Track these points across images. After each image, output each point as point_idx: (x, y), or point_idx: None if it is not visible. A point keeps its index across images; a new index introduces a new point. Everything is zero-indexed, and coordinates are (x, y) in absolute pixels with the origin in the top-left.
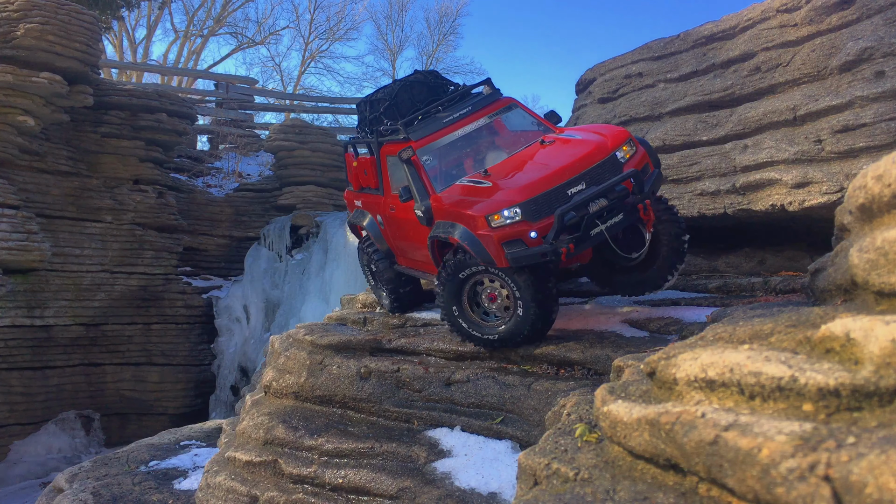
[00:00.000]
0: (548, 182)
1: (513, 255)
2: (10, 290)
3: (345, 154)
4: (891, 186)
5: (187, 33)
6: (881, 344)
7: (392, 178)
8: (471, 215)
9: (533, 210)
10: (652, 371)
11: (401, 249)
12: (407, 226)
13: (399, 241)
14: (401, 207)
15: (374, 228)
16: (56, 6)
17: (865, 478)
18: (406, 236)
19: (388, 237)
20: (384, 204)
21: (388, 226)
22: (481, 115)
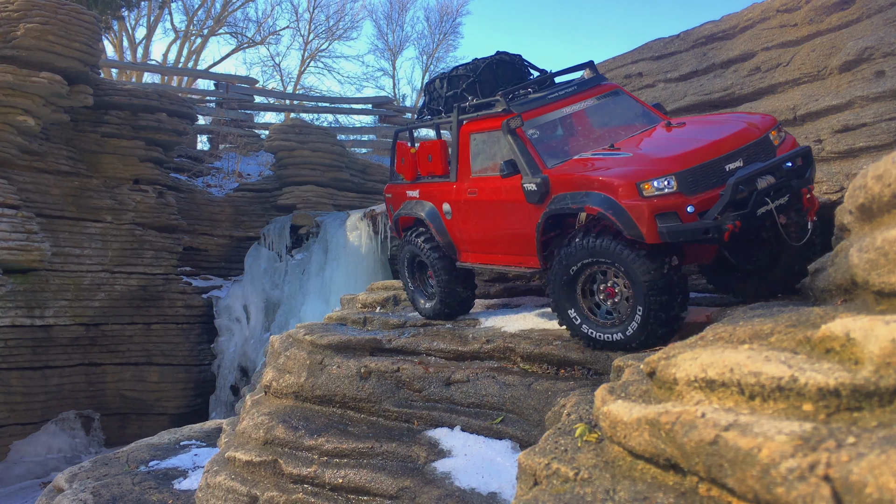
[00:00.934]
0: (704, 154)
1: (669, 230)
2: (10, 290)
3: (395, 144)
4: (891, 186)
5: (187, 33)
6: (881, 344)
7: (475, 158)
8: (613, 182)
9: (689, 182)
10: (652, 371)
11: (473, 241)
12: (494, 210)
13: (476, 231)
14: (486, 189)
15: (437, 220)
16: (56, 6)
17: (865, 478)
18: (490, 223)
19: (456, 228)
20: (457, 189)
21: (459, 214)
22: (588, 95)
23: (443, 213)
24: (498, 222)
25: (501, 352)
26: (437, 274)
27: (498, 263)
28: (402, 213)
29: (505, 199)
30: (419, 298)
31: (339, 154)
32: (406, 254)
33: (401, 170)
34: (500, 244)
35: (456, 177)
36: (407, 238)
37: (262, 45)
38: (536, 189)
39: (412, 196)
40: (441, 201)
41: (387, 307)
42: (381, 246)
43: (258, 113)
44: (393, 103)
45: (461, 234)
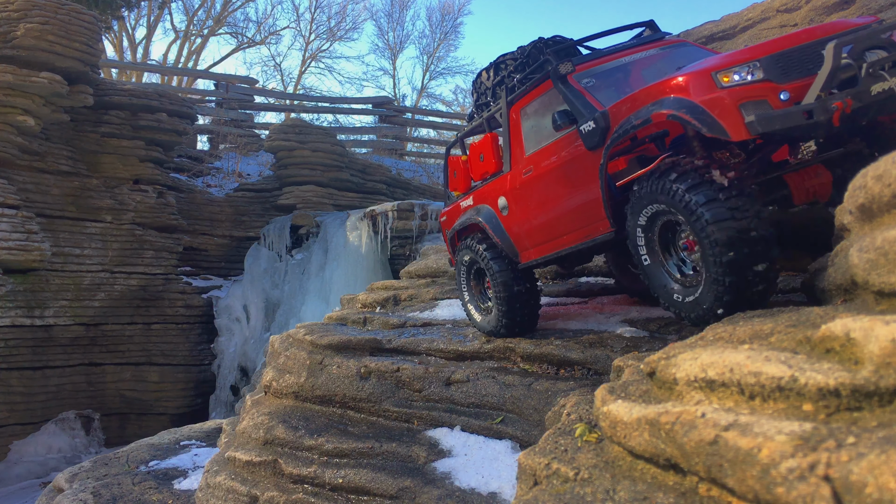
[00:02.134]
0: (795, 39)
1: (760, 117)
2: (10, 290)
3: (446, 161)
4: (891, 186)
5: (187, 33)
6: (881, 344)
7: (528, 135)
8: (682, 80)
9: (779, 68)
10: (652, 371)
11: (534, 231)
12: (552, 179)
13: (536, 215)
14: (542, 160)
15: (493, 220)
16: (56, 6)
17: (865, 478)
18: (550, 198)
19: (514, 222)
20: (512, 177)
21: (516, 204)
22: (650, 47)
23: (499, 212)
24: (558, 192)
25: (501, 352)
26: (496, 281)
27: (564, 246)
28: (458, 226)
29: (562, 161)
30: (475, 312)
31: (339, 154)
32: (462, 261)
33: (454, 185)
34: (564, 221)
35: (510, 165)
36: (464, 244)
37: (263, 45)
38: (595, 127)
39: (467, 206)
40: (496, 198)
41: (387, 307)
42: (381, 246)
43: (258, 113)
44: (393, 103)
45: (520, 226)
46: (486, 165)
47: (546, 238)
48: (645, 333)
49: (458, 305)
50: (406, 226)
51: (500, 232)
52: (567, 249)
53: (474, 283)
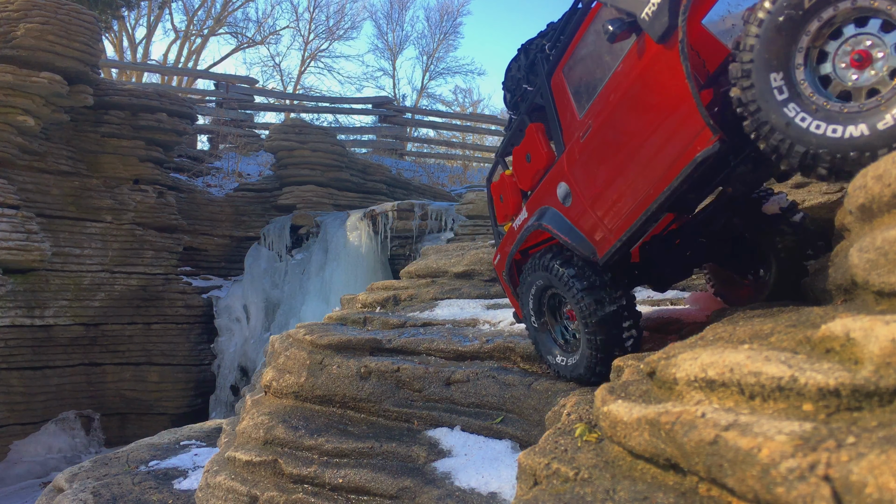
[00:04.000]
0: None
1: None
2: (10, 290)
3: (490, 192)
4: (891, 186)
5: (187, 33)
6: (881, 344)
7: (577, 95)
8: None
9: None
10: (652, 371)
11: (610, 201)
12: (622, 114)
13: (608, 179)
14: (602, 109)
15: (557, 218)
16: (56, 6)
17: (865, 478)
18: (621, 138)
19: (581, 207)
20: (568, 154)
21: (580, 177)
22: None
23: (561, 206)
24: (630, 129)
25: (501, 352)
26: (578, 298)
27: (651, 200)
28: (515, 250)
29: (628, 85)
30: (552, 349)
31: (339, 154)
32: (529, 293)
33: (505, 212)
34: (644, 165)
35: (563, 143)
36: (527, 269)
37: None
38: (659, 4)
39: (522, 223)
40: (554, 191)
41: (387, 307)
42: (381, 246)
43: (258, 113)
44: (393, 103)
45: (592, 206)
46: (536, 163)
47: (625, 204)
48: (645, 333)
49: (458, 305)
50: (406, 226)
51: (568, 229)
52: (655, 205)
53: (548, 315)
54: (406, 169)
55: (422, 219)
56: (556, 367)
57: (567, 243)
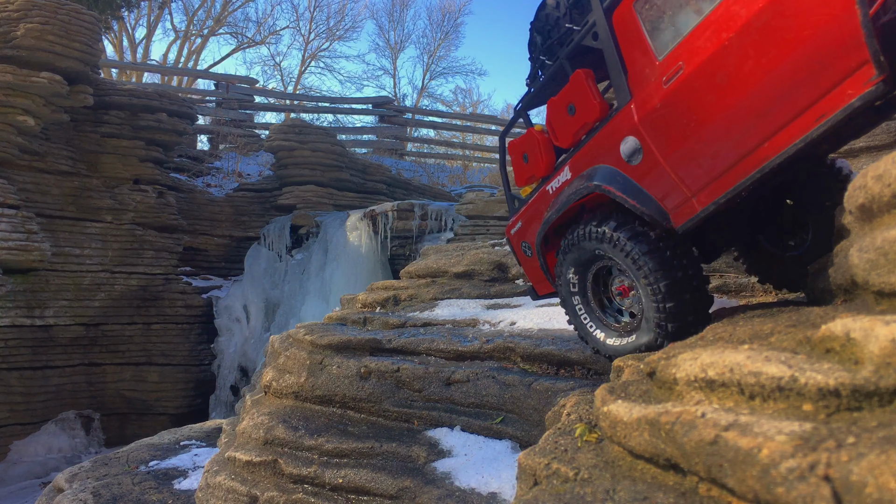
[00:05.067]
0: None
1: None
2: (10, 290)
3: (503, 153)
4: (891, 186)
5: (187, 33)
6: (881, 344)
7: (654, 32)
8: None
9: None
10: (652, 371)
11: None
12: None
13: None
14: (704, 39)
15: (619, 178)
16: (56, 6)
17: (865, 478)
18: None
19: (658, 164)
20: (643, 100)
21: (663, 129)
22: None
23: (625, 165)
24: (748, 71)
25: (501, 352)
26: (646, 269)
27: (775, 154)
28: (553, 215)
29: (752, 18)
30: (603, 336)
31: (339, 154)
32: (569, 268)
33: (527, 173)
34: (766, 114)
35: (629, 91)
36: (569, 240)
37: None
38: None
39: (563, 184)
40: (615, 146)
41: (387, 307)
42: (381, 246)
43: (258, 113)
44: (393, 103)
45: (673, 165)
46: (583, 115)
47: (725, 161)
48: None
49: (458, 305)
50: (406, 226)
51: (635, 191)
52: (777, 161)
53: (593, 296)
54: (406, 169)
55: (422, 219)
56: (606, 350)
57: (635, 208)
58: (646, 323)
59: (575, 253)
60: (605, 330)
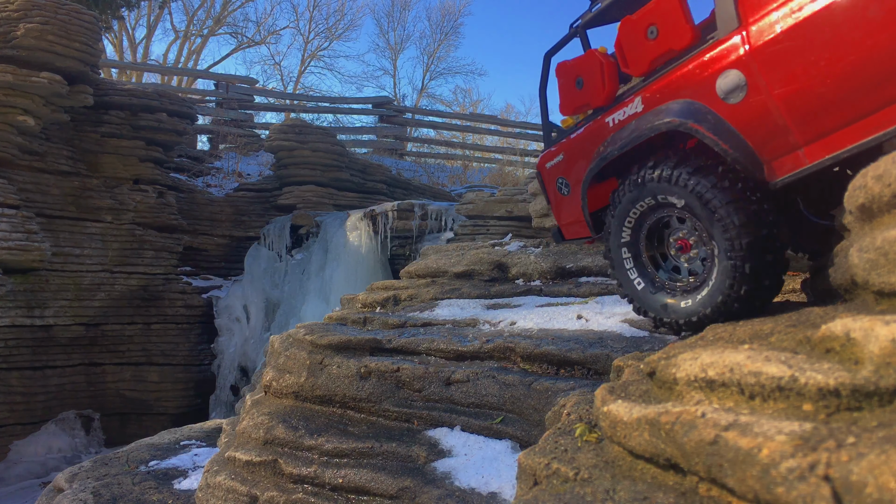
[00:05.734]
0: None
1: None
2: (10, 290)
3: (545, 77)
4: (891, 186)
5: (187, 33)
6: (881, 344)
7: None
8: None
9: None
10: (652, 371)
11: (836, 94)
12: None
13: (848, 57)
14: None
15: (710, 117)
16: (56, 6)
17: (865, 478)
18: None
19: (765, 106)
20: (758, 30)
21: (783, 56)
22: None
23: (720, 103)
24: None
25: (501, 352)
26: (727, 222)
27: None
28: (610, 154)
29: None
30: (660, 296)
31: (339, 154)
32: (623, 211)
33: (578, 99)
34: None
35: (738, 17)
36: (631, 181)
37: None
38: None
39: (626, 118)
40: (707, 82)
41: (387, 307)
42: (381, 246)
43: (258, 113)
44: (393, 103)
45: (785, 106)
46: (668, 40)
47: (866, 104)
48: (645, 333)
49: (458, 305)
50: (406, 226)
51: (729, 134)
52: None
53: (647, 252)
54: (406, 169)
55: (422, 219)
56: (662, 311)
57: (726, 152)
58: (714, 283)
59: (634, 197)
60: (655, 287)
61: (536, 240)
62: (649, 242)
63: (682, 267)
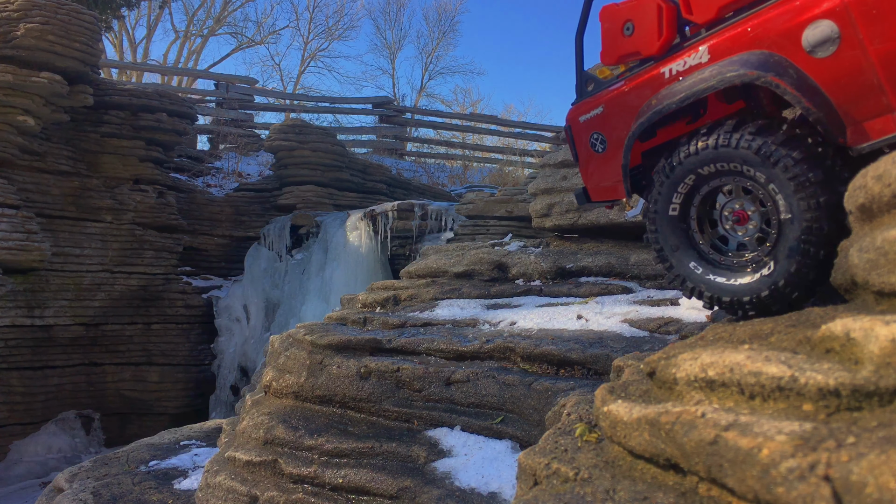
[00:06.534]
0: None
1: None
2: (10, 290)
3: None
4: (891, 186)
5: (187, 33)
6: (881, 344)
7: None
8: None
9: None
10: (652, 371)
11: None
12: None
13: None
14: None
15: (796, 74)
16: (56, 6)
17: (865, 478)
18: None
19: (852, 58)
20: None
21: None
22: None
23: (805, 57)
24: None
25: (501, 352)
26: (802, 181)
27: None
28: (667, 107)
29: None
30: (712, 275)
31: (339, 154)
32: (682, 176)
33: (622, 49)
34: None
35: None
36: (690, 144)
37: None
38: None
39: (688, 69)
40: (794, 32)
41: (387, 307)
42: (381, 246)
43: (258, 113)
44: (393, 103)
45: (883, 65)
46: None
47: None
48: (645, 333)
49: (458, 305)
50: (406, 226)
51: (810, 89)
52: None
53: (697, 224)
54: (406, 169)
55: (422, 219)
56: (713, 289)
57: (808, 110)
58: (781, 254)
59: (690, 161)
60: (706, 264)
61: (536, 240)
62: (699, 213)
63: (738, 241)
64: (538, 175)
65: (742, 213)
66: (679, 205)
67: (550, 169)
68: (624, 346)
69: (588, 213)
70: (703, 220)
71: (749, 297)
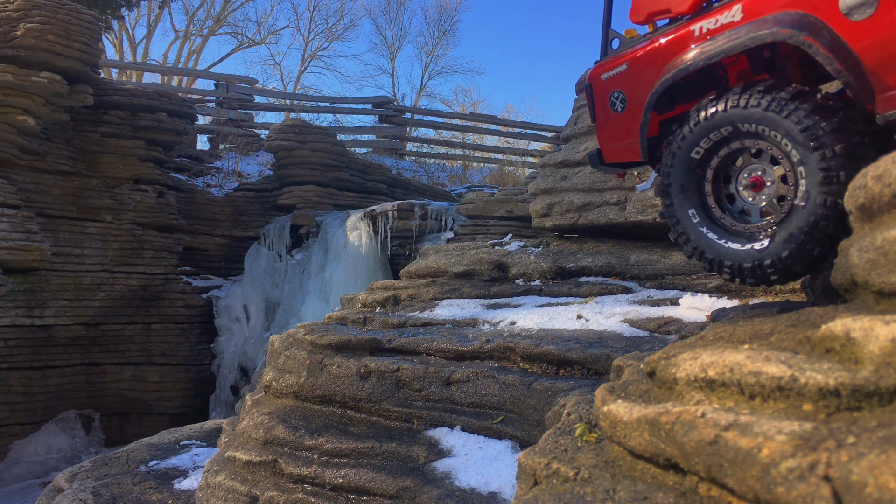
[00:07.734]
0: None
1: None
2: (10, 290)
3: None
4: (891, 186)
5: (187, 33)
6: (881, 343)
7: None
8: None
9: None
10: (652, 371)
11: None
12: None
13: None
14: None
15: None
16: (56, 6)
17: (865, 477)
18: None
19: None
20: None
21: None
22: None
23: (838, 17)
24: None
25: (501, 351)
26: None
27: None
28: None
29: None
30: (721, 241)
31: (339, 154)
32: (699, 139)
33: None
34: None
35: None
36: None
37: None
38: None
39: (719, 27)
40: None
41: (387, 307)
42: (381, 246)
43: (258, 113)
44: (393, 103)
45: None
46: None
47: None
48: (645, 333)
49: (458, 305)
50: (406, 226)
51: (844, 52)
52: None
53: (711, 189)
54: (406, 169)
55: (422, 219)
56: (727, 257)
57: (839, 73)
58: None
59: (705, 128)
60: (726, 235)
61: (536, 240)
62: (715, 181)
63: (754, 208)
64: (538, 175)
65: (759, 179)
66: (694, 172)
67: (550, 169)
68: (624, 346)
69: (588, 213)
70: (718, 182)
71: (753, 262)
